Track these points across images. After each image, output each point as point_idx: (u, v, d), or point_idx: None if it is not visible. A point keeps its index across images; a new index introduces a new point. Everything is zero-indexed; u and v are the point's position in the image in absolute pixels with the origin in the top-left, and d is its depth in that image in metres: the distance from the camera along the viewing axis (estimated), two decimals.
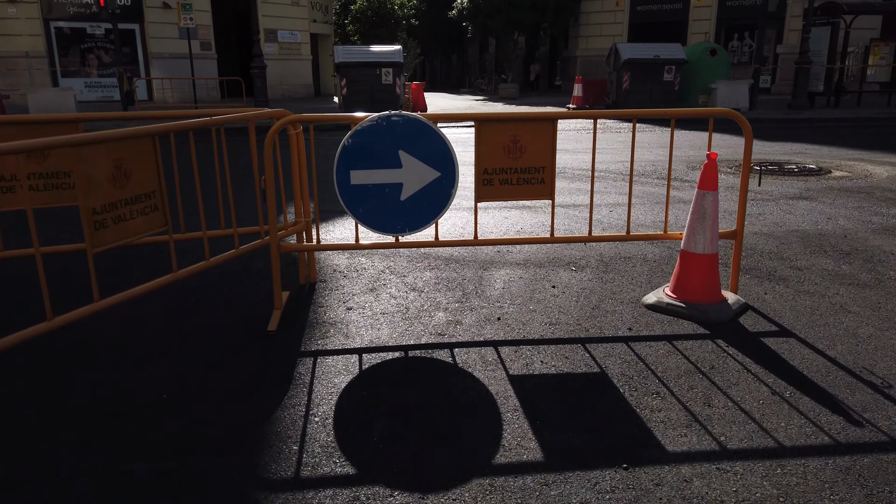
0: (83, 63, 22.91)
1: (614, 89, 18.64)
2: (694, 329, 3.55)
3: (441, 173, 3.64)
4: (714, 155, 3.65)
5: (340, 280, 4.33)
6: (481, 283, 4.26)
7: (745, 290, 4.12)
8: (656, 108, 3.47)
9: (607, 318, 3.69)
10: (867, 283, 4.21)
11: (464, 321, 3.66)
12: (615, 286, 4.20)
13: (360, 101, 17.16)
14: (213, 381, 2.98)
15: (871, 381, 2.95)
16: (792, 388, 2.90)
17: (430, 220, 3.69)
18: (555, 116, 3.71)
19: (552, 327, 3.57)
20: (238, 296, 4.03)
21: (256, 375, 3.02)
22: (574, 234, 5.38)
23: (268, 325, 3.54)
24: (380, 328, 3.56)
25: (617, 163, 9.17)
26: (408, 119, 3.54)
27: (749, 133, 3.78)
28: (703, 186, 3.68)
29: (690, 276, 3.75)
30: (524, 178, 3.77)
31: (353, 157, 3.55)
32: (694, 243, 3.71)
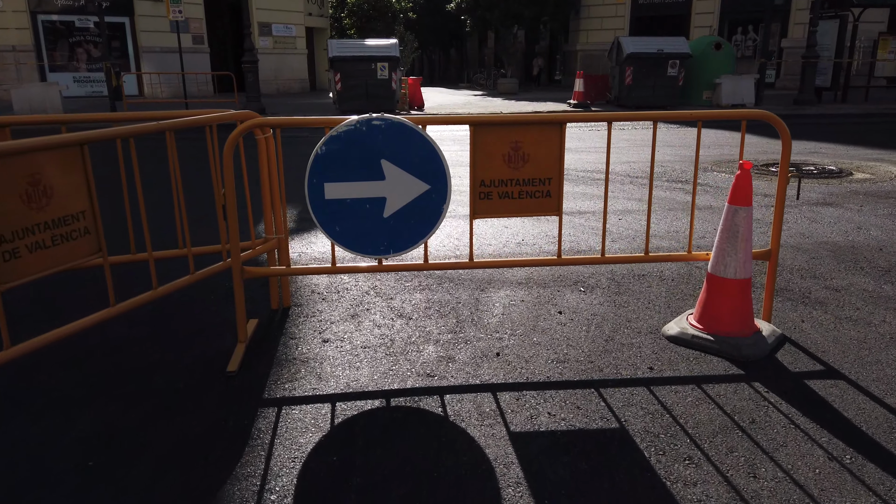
0: (72, 57, 22.33)
1: (616, 84, 18.10)
2: (725, 368, 3.04)
3: (431, 186, 3.12)
4: (748, 164, 3.14)
5: (318, 304, 3.82)
6: (478, 308, 3.75)
7: (779, 316, 3.61)
8: (681, 110, 2.95)
9: (623, 354, 3.18)
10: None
11: (457, 357, 3.15)
12: (630, 311, 3.69)
13: (355, 96, 16.62)
14: (151, 439, 2.47)
15: None
16: (852, 452, 2.39)
17: (419, 241, 3.18)
18: (562, 120, 3.20)
19: (560, 366, 3.06)
20: (200, 325, 3.52)
21: (206, 433, 2.52)
22: (581, 248, 4.87)
23: (228, 363, 3.03)
24: (359, 367, 3.05)
25: (623, 163, 8.65)
26: (392, 123, 3.03)
27: (787, 137, 3.27)
28: (735, 201, 3.17)
29: (719, 304, 3.24)
30: (527, 190, 3.26)
31: (328, 167, 3.03)
32: (724, 266, 3.20)
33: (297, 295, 3.93)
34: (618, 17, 27.53)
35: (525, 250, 4.86)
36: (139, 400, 2.75)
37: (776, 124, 3.26)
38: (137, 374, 2.97)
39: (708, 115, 3.36)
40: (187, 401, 2.74)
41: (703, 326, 3.29)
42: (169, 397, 2.76)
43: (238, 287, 3.12)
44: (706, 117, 3.34)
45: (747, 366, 3.06)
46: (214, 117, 3.19)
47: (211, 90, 22.82)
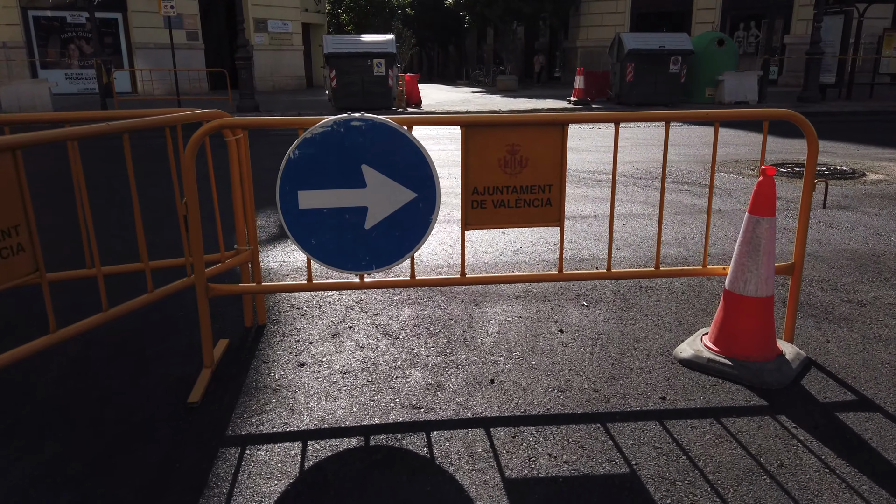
0: (64, 54, 21.95)
1: (617, 81, 17.75)
2: (746, 398, 2.72)
3: (417, 194, 2.80)
4: (771, 170, 2.82)
5: (296, 321, 3.49)
6: (471, 325, 3.43)
7: (802, 334, 3.29)
8: (694, 110, 2.59)
9: (632, 380, 2.86)
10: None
11: (447, 384, 2.83)
12: (637, 329, 3.37)
13: (351, 93, 16.26)
14: (89, 491, 2.15)
15: None
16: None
17: (404, 254, 2.86)
18: (564, 120, 2.87)
19: (561, 395, 2.74)
20: (164, 347, 3.19)
21: (156, 479, 2.19)
22: (584, 257, 4.55)
23: (191, 392, 2.71)
24: (337, 396, 2.73)
25: (625, 163, 8.32)
26: (373, 124, 2.70)
27: (814, 139, 2.95)
28: (756, 210, 2.84)
29: (738, 325, 2.92)
30: (525, 199, 2.94)
31: (302, 173, 2.71)
32: (743, 283, 2.88)
33: (275, 311, 3.61)
34: (618, 13, 27.18)
35: (524, 259, 4.54)
36: (84, 439, 2.42)
37: (801, 124, 2.94)
38: (87, 406, 2.65)
39: (726, 116, 3.04)
40: (139, 439, 2.41)
41: (720, 349, 2.97)
42: (119, 435, 2.44)
43: (203, 307, 2.80)
44: (724, 117, 3.01)
45: (770, 395, 2.74)
46: (178, 117, 2.87)
47: (206, 87, 22.46)
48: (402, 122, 2.76)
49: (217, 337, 3.23)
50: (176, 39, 20.04)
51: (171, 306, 3.60)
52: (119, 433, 2.45)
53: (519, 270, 4.31)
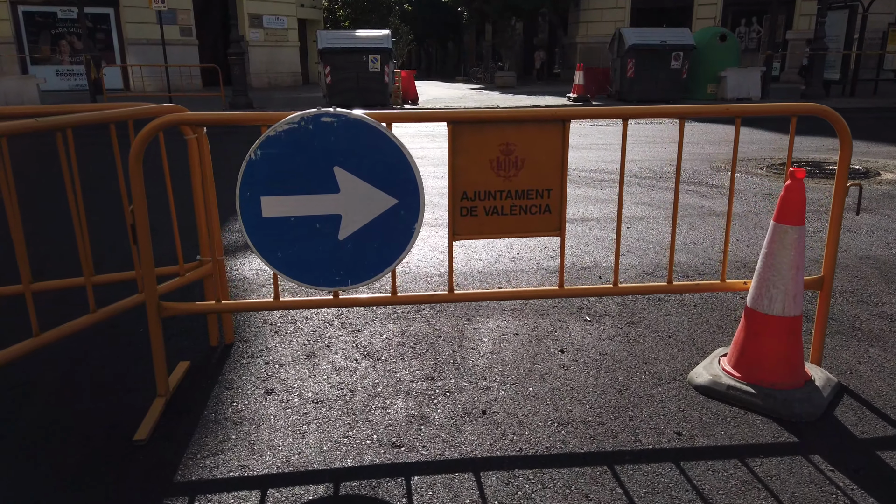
0: (55, 50, 21.57)
1: (618, 77, 17.40)
2: (774, 433, 2.38)
3: (398, 200, 2.46)
4: (801, 173, 2.48)
5: (268, 338, 3.15)
6: (462, 344, 3.09)
7: (829, 354, 2.96)
8: (714, 105, 2.24)
9: (642, 411, 2.52)
10: None
11: (432, 416, 2.49)
12: (646, 349, 3.03)
13: (346, 89, 15.91)
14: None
15: None
16: None
17: (384, 268, 2.52)
18: (565, 116, 2.53)
19: (563, 430, 2.40)
20: (117, 371, 2.85)
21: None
22: (586, 264, 4.21)
23: (139, 426, 2.36)
24: (306, 432, 2.39)
25: (628, 162, 7.97)
26: (347, 121, 2.36)
27: (847, 137, 2.61)
28: (782, 218, 2.51)
29: (762, 347, 2.58)
30: (521, 205, 2.59)
31: (266, 176, 2.37)
32: (768, 300, 2.54)
33: (245, 326, 3.27)
34: (618, 8, 26.80)
35: (521, 267, 4.20)
36: (12, 484, 2.09)
37: (833, 121, 2.59)
38: (18, 447, 2.31)
39: (749, 111, 2.69)
40: (71, 486, 2.07)
41: (741, 374, 2.63)
42: (50, 483, 2.10)
43: (154, 328, 2.46)
44: (747, 112, 2.67)
45: (801, 429, 2.40)
46: (126, 112, 2.53)
47: (199, 84, 22.08)
48: (381, 119, 2.42)
49: (177, 358, 2.90)
50: (169, 35, 19.67)
51: (131, 322, 3.26)
52: (48, 482, 2.11)
53: (515, 279, 3.97)
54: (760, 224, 5.10)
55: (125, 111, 2.54)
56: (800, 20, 24.45)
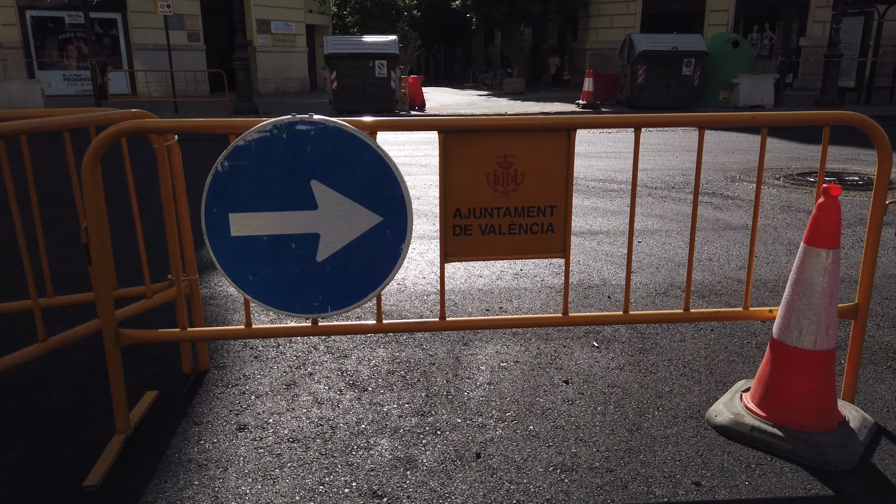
0: (62, 54, 21.53)
1: (628, 84, 17.11)
2: (805, 484, 2.10)
3: (383, 218, 2.21)
4: (836, 190, 2.20)
5: (247, 364, 2.90)
6: (457, 373, 2.82)
7: (862, 388, 2.67)
8: (739, 114, 1.97)
9: (656, 455, 2.25)
10: None
11: (420, 460, 2.23)
12: (660, 380, 2.76)
13: (352, 96, 15.72)
14: None
15: None
16: None
17: (367, 293, 2.26)
18: (570, 125, 2.26)
19: (565, 477, 2.13)
20: (74, 402, 2.60)
21: None
22: (593, 282, 3.94)
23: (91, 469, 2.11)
24: (277, 478, 2.13)
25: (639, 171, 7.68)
26: (325, 129, 2.11)
27: (887, 149, 2.33)
28: (815, 240, 2.23)
29: (790, 385, 2.31)
30: (521, 223, 2.33)
31: (234, 191, 2.12)
32: (797, 332, 2.26)
33: (222, 351, 3.02)
34: (629, 14, 26.54)
35: (524, 284, 3.93)
36: None
37: (872, 132, 2.32)
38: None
39: (777, 120, 2.43)
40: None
41: (767, 414, 2.35)
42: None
43: (112, 357, 2.21)
44: (774, 122, 2.40)
45: (836, 479, 2.12)
46: (84, 118, 2.29)
47: (206, 89, 21.96)
48: (364, 127, 2.17)
49: (144, 387, 2.65)
50: (176, 40, 19.61)
51: (97, 347, 3.01)
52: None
53: (518, 299, 3.70)
54: (779, 239, 4.81)
55: (85, 117, 2.31)
56: (813, 26, 24.06)
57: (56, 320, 2.89)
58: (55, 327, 2.54)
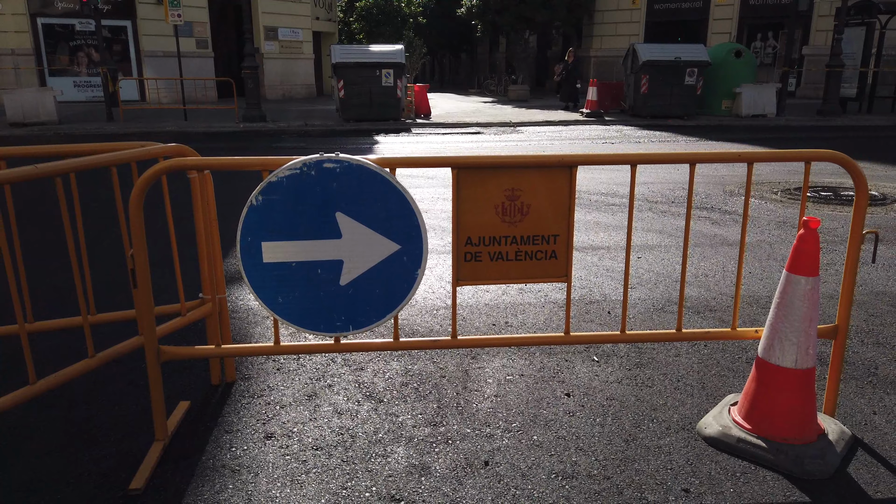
0: (72, 61, 21.85)
1: (631, 93, 17.33)
2: (785, 492, 2.31)
3: (401, 246, 2.42)
4: (815, 222, 2.41)
5: (270, 376, 3.12)
6: (466, 386, 3.04)
7: (843, 402, 2.87)
8: (727, 151, 2.20)
9: (649, 464, 2.45)
10: None
11: (433, 467, 2.44)
12: (655, 394, 2.96)
13: (359, 104, 15.96)
14: None
15: None
16: None
17: (386, 314, 2.48)
18: (571, 162, 2.48)
19: (567, 484, 2.34)
20: (117, 414, 2.81)
21: None
22: (594, 297, 4.15)
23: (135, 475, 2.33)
24: (304, 482, 2.34)
25: (640, 184, 7.89)
26: (350, 166, 2.33)
27: (863, 184, 2.53)
28: (795, 269, 2.44)
29: (774, 400, 2.51)
30: (527, 251, 2.55)
31: (267, 222, 2.34)
32: (780, 352, 2.47)
33: (247, 363, 3.24)
34: (633, 22, 26.77)
35: (528, 300, 4.14)
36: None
37: (850, 168, 2.53)
38: (14, 492, 2.28)
39: (761, 157, 2.64)
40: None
41: (752, 426, 2.56)
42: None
43: (153, 372, 2.43)
44: (759, 159, 2.61)
45: (814, 488, 2.33)
46: (128, 154, 2.51)
47: (214, 96, 22.26)
48: (384, 164, 2.39)
49: (177, 398, 2.87)
50: (185, 47, 19.90)
51: (131, 360, 3.23)
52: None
53: (523, 313, 3.91)
54: (774, 255, 5.02)
55: (127, 153, 2.52)
56: (816, 35, 24.24)
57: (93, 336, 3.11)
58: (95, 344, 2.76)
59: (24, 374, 2.37)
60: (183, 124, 15.09)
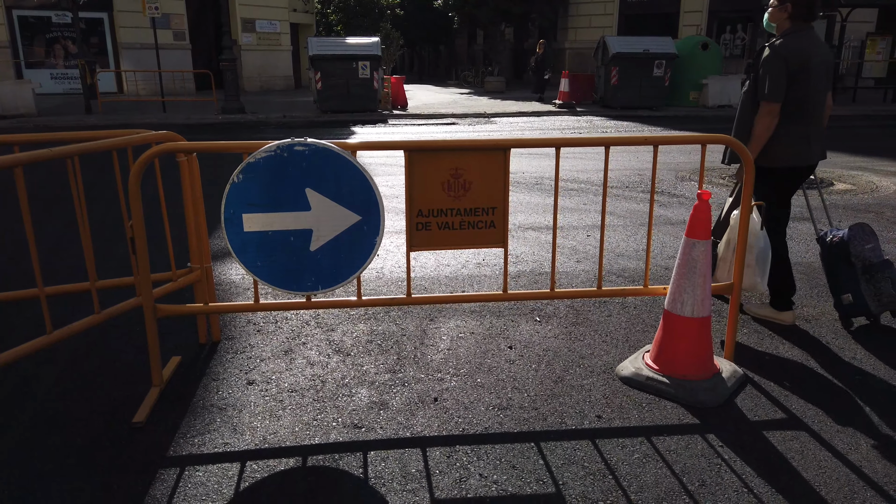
0: (49, 54, 21.86)
1: (602, 84, 17.86)
2: (680, 416, 2.80)
3: (362, 217, 2.86)
4: (707, 195, 2.89)
5: (251, 337, 3.55)
6: (423, 342, 3.49)
7: (743, 352, 3.38)
8: (636, 136, 2.67)
9: (571, 398, 2.93)
10: (887, 344, 3.48)
11: (391, 403, 2.89)
12: (585, 346, 3.45)
13: (336, 96, 16.29)
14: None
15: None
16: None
17: (350, 275, 2.92)
18: (506, 145, 2.94)
19: (501, 413, 2.81)
20: (116, 365, 3.24)
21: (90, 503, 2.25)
22: (545, 270, 4.62)
23: (137, 411, 2.76)
24: (281, 416, 2.79)
25: (599, 171, 8.39)
26: (316, 149, 2.76)
27: (750, 164, 3.03)
28: (692, 234, 2.92)
29: (676, 345, 3.00)
30: (469, 221, 3.00)
31: (246, 197, 2.76)
32: (680, 304, 2.96)
33: (231, 326, 3.67)
34: (606, 14, 27.27)
35: (485, 272, 4.61)
36: (24, 464, 2.47)
37: (739, 150, 3.02)
38: (31, 429, 2.69)
39: (667, 140, 3.12)
40: (81, 462, 2.47)
41: (659, 367, 3.05)
42: (61, 458, 2.49)
43: (150, 326, 2.85)
44: (664, 142, 3.09)
45: (704, 413, 2.82)
46: (126, 140, 2.92)
47: (193, 88, 22.40)
48: (346, 148, 2.82)
49: (170, 354, 3.29)
50: (163, 39, 19.98)
51: (128, 322, 3.64)
52: (62, 457, 2.51)
53: (478, 284, 4.38)
54: None
55: (125, 139, 2.93)
56: None
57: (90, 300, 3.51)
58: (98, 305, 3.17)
59: (31, 332, 2.78)
60: (162, 116, 15.31)
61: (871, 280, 3.57)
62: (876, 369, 3.20)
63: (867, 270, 3.58)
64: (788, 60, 3.32)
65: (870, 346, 3.44)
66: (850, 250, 3.61)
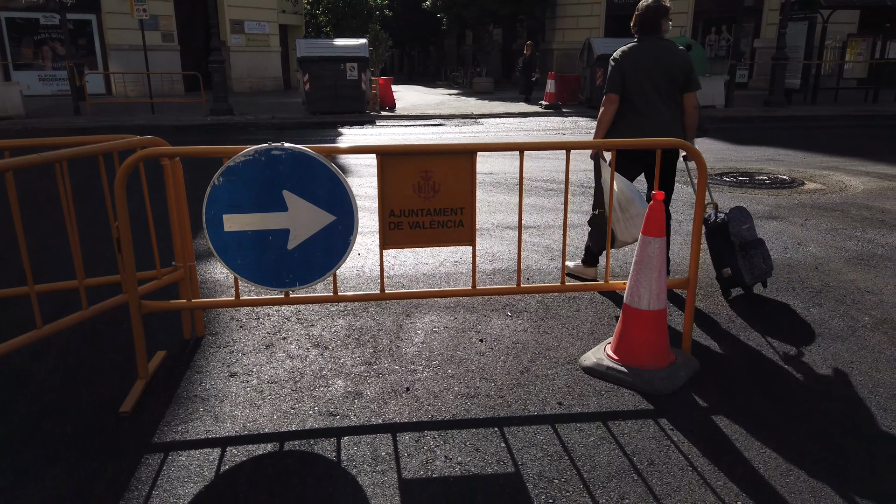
0: (37, 55, 21.86)
1: (588, 86, 18.09)
2: (636, 403, 2.99)
3: (336, 217, 3.03)
4: (660, 195, 3.08)
5: (234, 332, 3.71)
6: (398, 336, 3.67)
7: (700, 342, 3.57)
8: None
9: (535, 387, 3.11)
10: (838, 334, 3.69)
11: (365, 393, 3.07)
12: (552, 339, 3.63)
13: (324, 97, 16.42)
14: (14, 501, 2.36)
15: (850, 498, 2.41)
16: (744, 498, 2.35)
17: (326, 272, 3.09)
18: (473, 149, 3.12)
19: (468, 401, 2.99)
20: (104, 360, 3.39)
21: (80, 487, 2.41)
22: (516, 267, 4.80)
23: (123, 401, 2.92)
24: (260, 405, 2.95)
25: (580, 171, 8.58)
26: (293, 153, 2.93)
27: (703, 168, 3.22)
28: (648, 231, 3.11)
29: (634, 336, 3.19)
30: (438, 220, 3.18)
31: (226, 198, 2.93)
32: (637, 297, 3.15)
33: (214, 322, 3.82)
34: (593, 16, 27.54)
35: (462, 270, 4.79)
36: (17, 452, 2.63)
37: (691, 152, 3.21)
38: (24, 419, 2.85)
39: (617, 144, 3.30)
40: (71, 449, 2.62)
41: (619, 357, 3.24)
42: (52, 446, 2.65)
43: (136, 321, 3.01)
44: (613, 146, 3.27)
45: (659, 400, 3.01)
46: (112, 145, 3.07)
47: (181, 89, 22.46)
48: (321, 152, 2.99)
49: (155, 349, 3.44)
50: (151, 41, 20.04)
51: (117, 319, 3.79)
52: (53, 445, 2.66)
53: (454, 281, 4.55)
54: (680, 231, 5.73)
55: (111, 144, 3.08)
56: (767, 29, 25.31)
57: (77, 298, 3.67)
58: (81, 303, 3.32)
59: (22, 327, 2.93)
60: (151, 118, 15.40)
61: (747, 256, 4.05)
62: (824, 359, 3.40)
63: (743, 247, 4.03)
64: (621, 63, 4.06)
65: (823, 336, 3.64)
66: (729, 230, 4.03)
